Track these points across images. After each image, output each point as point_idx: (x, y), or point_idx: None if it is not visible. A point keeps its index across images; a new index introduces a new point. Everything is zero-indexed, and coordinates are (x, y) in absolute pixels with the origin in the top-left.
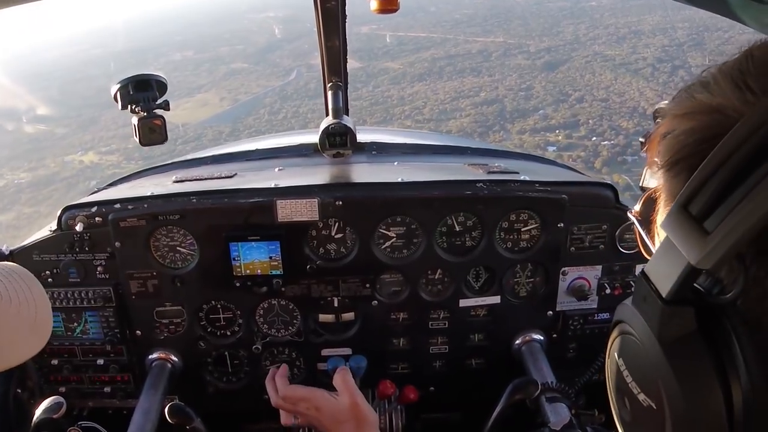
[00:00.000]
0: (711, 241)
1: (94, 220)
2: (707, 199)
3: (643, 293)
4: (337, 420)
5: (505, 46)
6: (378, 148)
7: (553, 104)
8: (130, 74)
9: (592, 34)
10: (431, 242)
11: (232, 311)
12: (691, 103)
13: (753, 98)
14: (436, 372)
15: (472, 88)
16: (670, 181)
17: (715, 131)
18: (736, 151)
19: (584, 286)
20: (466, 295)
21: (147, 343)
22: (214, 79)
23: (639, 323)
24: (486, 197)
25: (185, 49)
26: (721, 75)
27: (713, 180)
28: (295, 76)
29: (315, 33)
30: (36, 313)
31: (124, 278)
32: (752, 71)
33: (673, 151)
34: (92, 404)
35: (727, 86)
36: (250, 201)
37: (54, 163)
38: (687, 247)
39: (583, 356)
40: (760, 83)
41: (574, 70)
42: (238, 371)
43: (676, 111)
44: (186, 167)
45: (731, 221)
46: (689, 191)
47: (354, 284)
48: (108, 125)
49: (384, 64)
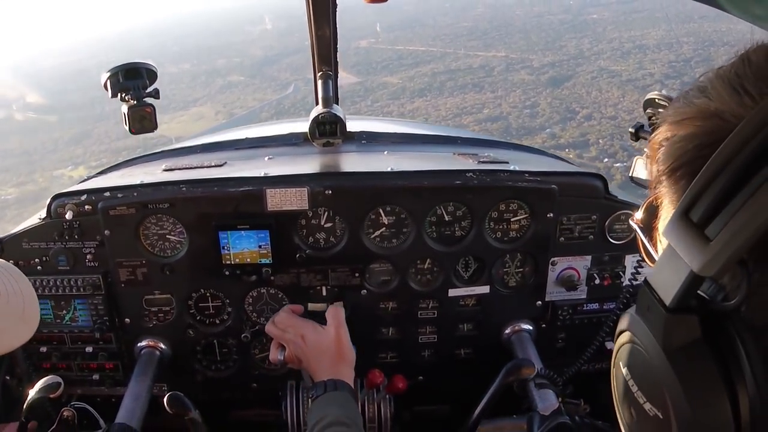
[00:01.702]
0: (713, 248)
1: (84, 208)
2: (708, 205)
3: (647, 302)
4: (319, 349)
5: (508, 61)
6: (368, 138)
7: (560, 122)
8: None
9: (596, 48)
10: (420, 232)
11: (221, 300)
12: (689, 109)
13: (751, 102)
14: (424, 361)
15: (474, 104)
16: (672, 188)
17: (715, 136)
18: (735, 156)
19: (573, 276)
20: (455, 285)
21: (136, 331)
22: (209, 93)
23: (643, 332)
24: (475, 187)
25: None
26: (719, 80)
27: (713, 186)
28: (293, 90)
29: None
30: (24, 303)
31: (114, 266)
32: (749, 75)
33: (674, 158)
34: (80, 392)
35: (724, 91)
36: (239, 190)
37: (42, 178)
38: (689, 254)
39: (572, 346)
40: (757, 87)
41: (579, 86)
42: (227, 359)
43: (674, 117)
44: (176, 156)
45: (732, 227)
46: (690, 198)
47: (343, 273)
48: (101, 138)
49: (383, 78)
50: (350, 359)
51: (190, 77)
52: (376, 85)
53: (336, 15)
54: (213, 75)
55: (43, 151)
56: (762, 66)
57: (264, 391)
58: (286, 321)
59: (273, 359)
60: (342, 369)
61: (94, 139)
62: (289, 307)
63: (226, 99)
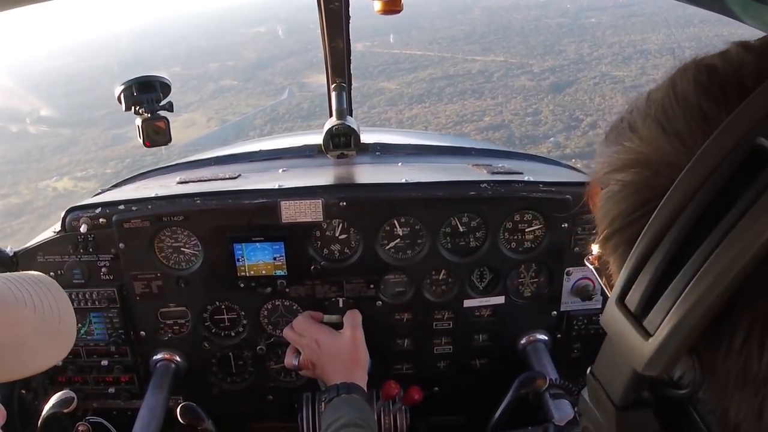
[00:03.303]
0: (652, 344)
1: (99, 221)
2: (644, 291)
3: (597, 394)
4: (333, 353)
5: (507, 66)
6: (382, 149)
7: (565, 131)
8: (133, 76)
9: (597, 53)
10: (435, 243)
11: (237, 312)
12: (617, 158)
13: (683, 148)
14: (440, 372)
15: (475, 111)
16: (611, 256)
17: (646, 195)
18: (671, 227)
19: (588, 287)
20: (470, 296)
21: (151, 344)
22: (201, 98)
23: (599, 424)
24: (490, 198)
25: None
26: (646, 118)
27: (648, 267)
28: (287, 95)
29: (307, 50)
30: (60, 322)
31: (129, 279)
32: (677, 111)
33: (606, 222)
34: (96, 405)
35: (652, 131)
36: (254, 202)
37: (27, 190)
38: (629, 351)
39: (588, 356)
40: (689, 129)
41: (582, 92)
42: (243, 372)
43: (605, 168)
44: (190, 168)
45: (672, 319)
46: (623, 283)
47: (358, 285)
48: (88, 146)
49: (380, 84)
50: (364, 362)
51: (181, 81)
52: (372, 91)
53: (349, 27)
54: (205, 79)
55: (29, 160)
56: (689, 97)
57: (280, 404)
58: (303, 326)
59: (288, 364)
60: (355, 372)
61: (81, 147)
62: (309, 313)
63: (219, 105)
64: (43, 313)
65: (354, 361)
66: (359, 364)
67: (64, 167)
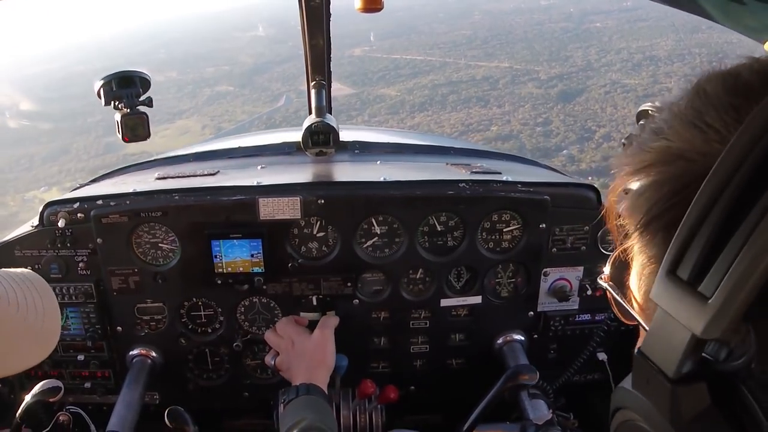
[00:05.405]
0: (713, 306)
1: (76, 216)
2: (697, 259)
3: (646, 375)
4: (300, 354)
5: (513, 72)
6: (361, 147)
7: (578, 143)
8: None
9: (605, 60)
10: (413, 242)
11: (214, 309)
12: (648, 155)
13: (716, 136)
14: (416, 371)
15: (481, 120)
16: (647, 245)
17: (684, 181)
18: (719, 198)
19: (566, 287)
20: (447, 295)
21: (128, 340)
22: (196, 104)
23: (646, 408)
24: (468, 197)
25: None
26: (674, 118)
27: (700, 236)
28: (284, 102)
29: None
30: (43, 322)
31: (106, 274)
32: (708, 108)
33: (642, 211)
34: (72, 399)
35: (684, 129)
36: (232, 199)
37: (14, 201)
38: (687, 317)
39: (564, 357)
40: (721, 119)
41: (593, 101)
42: (219, 368)
43: (633, 166)
44: (168, 164)
45: (731, 280)
46: (674, 254)
47: (335, 283)
48: (80, 155)
49: (380, 90)
50: (329, 363)
51: (176, 87)
52: (372, 97)
53: (329, 25)
54: (200, 84)
55: (18, 169)
56: (720, 95)
57: (256, 400)
58: (283, 328)
59: (266, 362)
60: (317, 373)
61: (72, 155)
62: (293, 317)
63: (214, 111)
64: (27, 311)
65: (318, 361)
66: (323, 364)
67: (52, 177)
